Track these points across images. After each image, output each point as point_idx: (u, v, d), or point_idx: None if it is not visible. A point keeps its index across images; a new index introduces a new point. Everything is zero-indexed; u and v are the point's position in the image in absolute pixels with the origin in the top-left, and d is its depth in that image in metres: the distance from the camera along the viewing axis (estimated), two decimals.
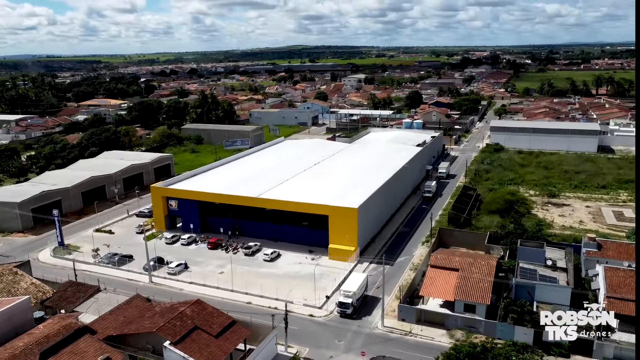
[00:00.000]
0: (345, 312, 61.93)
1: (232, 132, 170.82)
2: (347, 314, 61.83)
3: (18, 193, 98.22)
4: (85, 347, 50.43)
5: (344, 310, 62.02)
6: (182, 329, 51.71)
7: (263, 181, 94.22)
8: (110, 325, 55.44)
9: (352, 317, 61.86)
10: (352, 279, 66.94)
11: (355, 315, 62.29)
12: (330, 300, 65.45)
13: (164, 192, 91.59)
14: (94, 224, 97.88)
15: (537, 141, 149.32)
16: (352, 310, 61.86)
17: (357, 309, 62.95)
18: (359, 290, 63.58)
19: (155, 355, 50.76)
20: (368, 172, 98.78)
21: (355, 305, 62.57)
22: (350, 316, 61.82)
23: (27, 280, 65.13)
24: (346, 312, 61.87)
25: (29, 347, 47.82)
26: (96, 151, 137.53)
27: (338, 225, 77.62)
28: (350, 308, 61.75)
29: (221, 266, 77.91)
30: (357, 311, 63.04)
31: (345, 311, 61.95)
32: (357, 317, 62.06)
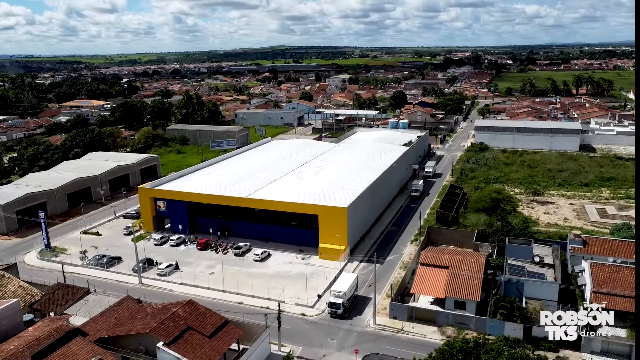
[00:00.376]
0: (336, 312, 62.07)
1: (218, 132, 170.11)
2: (338, 314, 61.97)
3: (1, 195, 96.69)
4: (77, 350, 50.01)
5: (334, 310, 62.17)
6: (175, 330, 51.55)
7: (252, 181, 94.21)
8: (101, 327, 55.01)
9: (344, 316, 62.11)
10: (342, 279, 67.12)
11: (347, 315, 62.54)
12: (322, 299, 65.71)
13: (152, 193, 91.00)
14: (80, 225, 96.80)
15: (520, 140, 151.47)
16: (342, 310, 62.01)
17: (347, 309, 63.12)
18: (349, 290, 63.76)
19: (148, 356, 50.52)
20: (356, 171, 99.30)
21: (346, 305, 62.70)
22: (341, 316, 62.03)
23: (14, 283, 64.25)
24: (337, 312, 62.02)
25: (19, 350, 47.30)
26: (80, 152, 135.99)
27: (328, 225, 77.98)
28: (340, 308, 61.91)
29: (211, 267, 77.75)
30: (348, 311, 63.19)
31: (335, 311, 62.11)
32: (348, 317, 62.34)
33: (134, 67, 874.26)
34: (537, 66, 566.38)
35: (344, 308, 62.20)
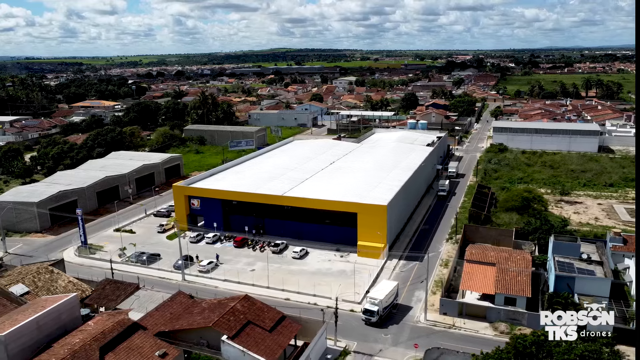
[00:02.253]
0: (370, 319, 59.37)
1: (235, 132, 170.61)
2: (372, 322, 59.31)
3: (34, 193, 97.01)
4: (140, 343, 50.37)
5: (368, 318, 59.50)
6: (236, 324, 51.98)
7: (284, 180, 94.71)
8: (158, 322, 55.44)
9: (379, 325, 59.29)
10: (381, 285, 64.52)
11: (383, 325, 59.65)
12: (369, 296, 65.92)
13: (187, 191, 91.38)
14: (111, 223, 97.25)
15: (538, 141, 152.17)
16: (377, 319, 59.21)
17: (383, 318, 60.15)
18: (386, 298, 60.66)
19: (211, 350, 50.86)
20: (386, 170, 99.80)
21: (382, 314, 59.92)
22: (376, 324, 59.27)
23: (64, 279, 64.63)
24: (371, 320, 59.32)
25: (87, 342, 47.62)
26: (102, 152, 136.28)
27: (367, 223, 78.40)
28: (375, 316, 59.17)
29: (250, 264, 78.12)
30: (384, 320, 60.29)
31: (370, 319, 59.39)
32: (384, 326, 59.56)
33: (135, 68, 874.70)
34: (541, 69, 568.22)
35: (379, 317, 59.39)
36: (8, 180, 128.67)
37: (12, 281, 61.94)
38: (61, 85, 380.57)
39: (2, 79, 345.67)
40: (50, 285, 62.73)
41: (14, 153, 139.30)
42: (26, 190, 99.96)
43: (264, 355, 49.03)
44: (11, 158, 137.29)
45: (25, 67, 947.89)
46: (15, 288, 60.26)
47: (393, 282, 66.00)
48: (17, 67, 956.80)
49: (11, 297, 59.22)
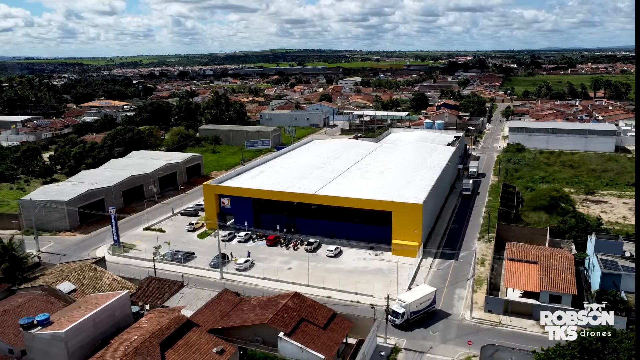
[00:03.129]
0: (394, 321, 58.17)
1: (251, 132, 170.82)
2: (396, 324, 58.21)
3: (62, 192, 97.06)
4: (197, 340, 50.53)
5: (393, 319, 58.14)
6: (290, 321, 52.15)
7: (312, 179, 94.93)
8: (209, 319, 55.60)
9: (404, 328, 58.31)
10: (417, 289, 63.22)
11: (409, 329, 58.45)
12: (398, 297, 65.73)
13: (217, 190, 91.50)
14: (139, 222, 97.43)
15: (554, 141, 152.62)
16: (401, 322, 58.08)
17: (409, 322, 58.80)
18: (416, 302, 59.29)
19: (267, 346, 51.00)
20: (413, 170, 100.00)
21: (410, 318, 58.74)
22: (400, 327, 58.19)
23: (108, 277, 64.71)
24: (395, 321, 58.17)
25: (146, 339, 47.74)
26: (121, 151, 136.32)
27: (402, 221, 78.60)
28: (400, 319, 58.03)
29: (286, 262, 78.29)
30: (410, 324, 58.82)
31: (394, 320, 58.17)
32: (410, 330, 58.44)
33: (137, 69, 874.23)
34: (544, 70, 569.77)
35: (404, 320, 58.33)
36: (29, 180, 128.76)
37: (57, 279, 62.06)
38: (67, 85, 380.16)
39: (10, 79, 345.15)
40: (95, 283, 62.84)
41: (32, 153, 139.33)
42: (54, 189, 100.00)
43: (321, 351, 49.20)
44: (30, 158, 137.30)
45: (25, 68, 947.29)
46: (62, 285, 60.34)
47: (431, 288, 63.46)
48: (18, 68, 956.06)
49: (58, 295, 59.33)
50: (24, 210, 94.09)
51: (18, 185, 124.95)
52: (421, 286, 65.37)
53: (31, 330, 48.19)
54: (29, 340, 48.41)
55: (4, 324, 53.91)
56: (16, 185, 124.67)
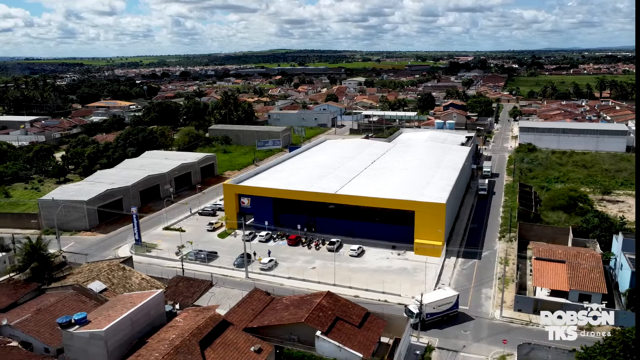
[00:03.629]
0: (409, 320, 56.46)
1: (261, 132, 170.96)
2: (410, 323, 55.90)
3: (81, 192, 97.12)
4: (234, 338, 50.64)
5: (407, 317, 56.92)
6: (326, 320, 52.30)
7: (331, 178, 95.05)
8: (242, 318, 55.69)
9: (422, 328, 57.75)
10: (438, 292, 62.54)
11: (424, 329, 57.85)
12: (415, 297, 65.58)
13: (237, 190, 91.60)
14: (158, 222, 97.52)
15: (565, 141, 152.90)
16: (415, 322, 56.98)
17: (425, 322, 58.22)
18: (434, 304, 58.65)
19: (305, 345, 51.09)
20: (430, 169, 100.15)
21: (425, 319, 58.19)
22: (414, 327, 56.87)
23: (137, 276, 64.87)
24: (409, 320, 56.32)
25: (185, 338, 47.84)
26: (134, 151, 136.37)
27: (425, 221, 78.73)
28: (414, 318, 56.99)
29: (309, 262, 78.40)
30: (426, 325, 58.26)
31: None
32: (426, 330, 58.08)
33: (138, 69, 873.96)
34: (546, 70, 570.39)
35: (419, 320, 57.46)
36: (42, 180, 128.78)
37: (87, 278, 62.21)
38: (72, 85, 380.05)
39: (15, 79, 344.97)
40: (125, 282, 62.98)
41: (45, 153, 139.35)
42: (72, 189, 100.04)
43: (359, 350, 49.35)
44: (43, 158, 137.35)
45: (26, 68, 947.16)
46: (93, 285, 60.52)
47: (453, 292, 62.42)
48: (19, 68, 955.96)
49: (90, 294, 59.43)
50: (43, 210, 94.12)
51: (32, 185, 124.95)
52: (444, 289, 64.75)
53: (69, 329, 48.33)
54: (68, 339, 48.52)
55: (39, 323, 54.08)
56: (30, 185, 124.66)
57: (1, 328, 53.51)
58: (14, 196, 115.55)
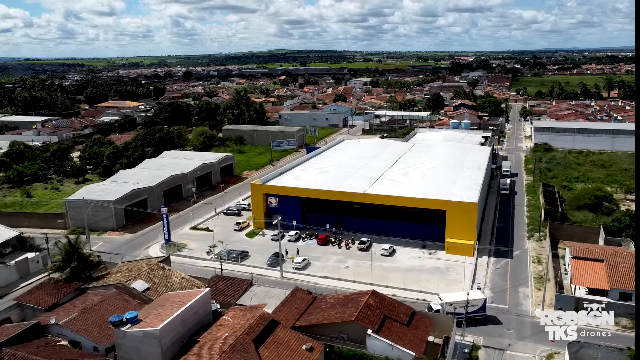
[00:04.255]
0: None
1: (276, 132, 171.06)
2: None
3: (106, 192, 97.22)
4: (285, 337, 50.76)
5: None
6: (375, 318, 52.43)
7: (357, 178, 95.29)
8: (288, 317, 55.79)
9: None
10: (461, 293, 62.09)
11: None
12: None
13: (265, 189, 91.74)
14: (183, 222, 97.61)
15: (581, 141, 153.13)
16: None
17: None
18: (456, 304, 58.65)
19: (355, 343, 51.21)
20: (454, 169, 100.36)
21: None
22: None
23: (177, 275, 64.97)
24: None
25: (239, 336, 47.95)
26: (152, 151, 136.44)
27: (456, 220, 78.92)
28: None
29: (340, 261, 78.55)
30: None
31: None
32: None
33: (139, 69, 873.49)
34: (549, 71, 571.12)
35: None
36: (61, 180, 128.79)
37: (129, 277, 62.27)
38: (78, 85, 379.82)
39: (23, 79, 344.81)
40: (166, 282, 63.07)
41: (62, 153, 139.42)
42: (97, 189, 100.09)
43: (410, 348, 49.47)
44: (61, 158, 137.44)
45: (27, 68, 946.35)
46: (136, 284, 60.57)
47: (481, 295, 62.08)
48: (20, 68, 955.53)
49: (133, 293, 59.55)
50: (70, 210, 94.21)
51: (52, 185, 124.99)
52: (472, 291, 63.97)
53: (122, 328, 48.44)
54: (120, 337, 48.64)
55: (86, 321, 54.15)
56: (50, 185, 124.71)
57: (49, 327, 53.57)
58: (35, 196, 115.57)
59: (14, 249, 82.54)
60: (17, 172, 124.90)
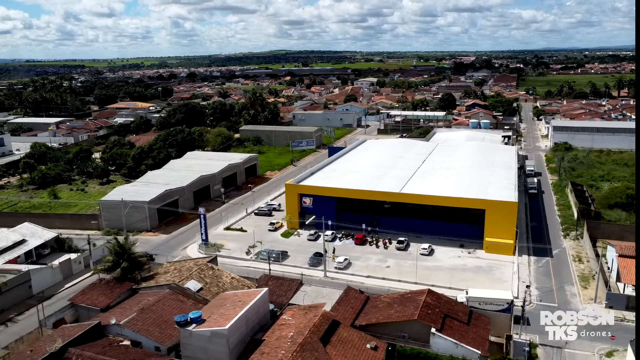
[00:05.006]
0: None
1: (293, 133, 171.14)
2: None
3: (138, 193, 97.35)
4: (348, 336, 51.01)
5: None
6: (436, 317, 52.71)
7: (390, 178, 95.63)
8: (345, 316, 55.99)
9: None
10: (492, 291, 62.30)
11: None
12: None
13: (299, 190, 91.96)
14: (215, 222, 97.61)
15: (600, 140, 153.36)
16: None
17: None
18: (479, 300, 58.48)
19: (418, 342, 51.45)
20: (485, 169, 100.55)
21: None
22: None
23: (227, 275, 65.16)
24: None
25: (306, 335, 48.12)
26: (174, 152, 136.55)
27: (496, 219, 79.16)
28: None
29: (381, 260, 78.72)
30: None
31: None
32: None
33: (140, 70, 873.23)
34: (554, 70, 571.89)
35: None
36: (85, 181, 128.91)
37: (181, 278, 62.42)
38: (86, 87, 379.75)
39: (33, 81, 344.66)
40: (217, 282, 63.24)
41: (85, 154, 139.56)
42: (130, 190, 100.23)
43: (475, 347, 49.74)
44: (83, 159, 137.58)
45: (29, 70, 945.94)
46: (189, 284, 60.76)
47: (508, 295, 61.19)
48: (22, 70, 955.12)
49: (187, 293, 59.76)
50: (104, 211, 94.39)
51: (76, 186, 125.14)
52: (500, 291, 63.58)
53: (187, 327, 48.66)
54: (186, 337, 48.89)
55: (146, 321, 54.31)
56: (75, 187, 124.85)
57: (108, 327, 53.75)
58: (61, 197, 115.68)
59: (52, 250, 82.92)
60: (42, 174, 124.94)
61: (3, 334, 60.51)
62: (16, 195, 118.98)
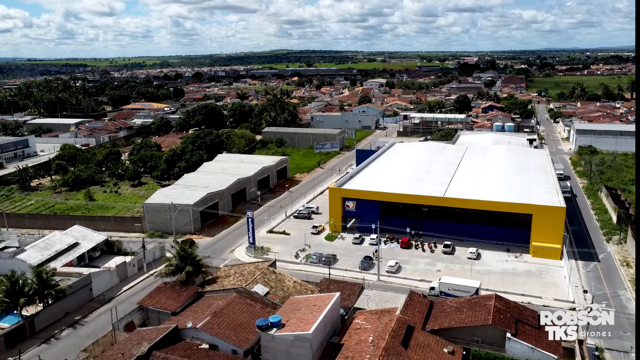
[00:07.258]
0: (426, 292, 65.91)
1: (317, 135, 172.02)
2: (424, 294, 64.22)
3: (181, 196, 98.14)
4: (424, 340, 52.01)
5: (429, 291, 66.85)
6: (509, 322, 53.65)
7: (429, 182, 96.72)
8: (414, 321, 56.76)
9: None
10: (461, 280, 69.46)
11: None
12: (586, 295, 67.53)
13: (343, 193, 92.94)
14: (257, 225, 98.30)
15: (623, 143, 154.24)
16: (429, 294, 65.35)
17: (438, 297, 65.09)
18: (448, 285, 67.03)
19: (492, 346, 52.43)
20: (523, 173, 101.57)
21: (438, 295, 65.90)
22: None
23: (289, 279, 66.14)
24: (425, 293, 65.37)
25: (388, 340, 49.04)
26: (204, 154, 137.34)
27: (543, 224, 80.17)
28: (429, 291, 66.58)
29: (430, 264, 79.76)
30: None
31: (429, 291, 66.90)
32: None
33: (143, 70, 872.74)
34: (559, 71, 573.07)
35: (434, 294, 65.69)
36: (117, 183, 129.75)
37: (247, 281, 63.39)
38: (96, 87, 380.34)
39: (47, 81, 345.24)
40: (282, 286, 64.25)
41: (115, 156, 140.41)
42: (172, 193, 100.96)
43: (550, 351, 50.72)
44: (114, 161, 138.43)
45: (31, 69, 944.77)
46: (256, 288, 61.74)
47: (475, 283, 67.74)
48: (24, 69, 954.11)
49: (255, 297, 60.72)
50: (147, 214, 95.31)
51: (109, 188, 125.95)
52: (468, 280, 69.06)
53: (269, 331, 49.67)
54: (267, 341, 49.91)
55: (221, 325, 55.21)
56: (107, 188, 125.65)
57: (184, 331, 54.70)
58: (96, 199, 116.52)
59: (101, 253, 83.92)
60: (75, 175, 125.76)
61: (73, 336, 61.54)
62: (51, 197, 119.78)
